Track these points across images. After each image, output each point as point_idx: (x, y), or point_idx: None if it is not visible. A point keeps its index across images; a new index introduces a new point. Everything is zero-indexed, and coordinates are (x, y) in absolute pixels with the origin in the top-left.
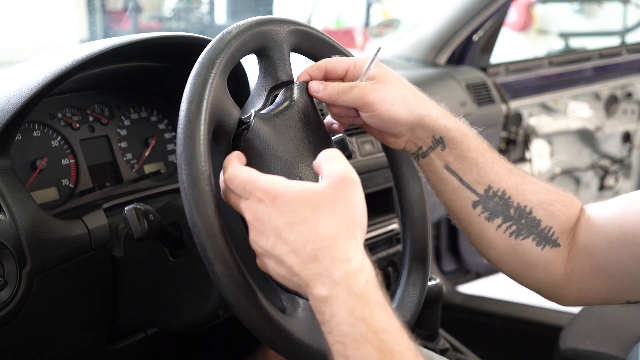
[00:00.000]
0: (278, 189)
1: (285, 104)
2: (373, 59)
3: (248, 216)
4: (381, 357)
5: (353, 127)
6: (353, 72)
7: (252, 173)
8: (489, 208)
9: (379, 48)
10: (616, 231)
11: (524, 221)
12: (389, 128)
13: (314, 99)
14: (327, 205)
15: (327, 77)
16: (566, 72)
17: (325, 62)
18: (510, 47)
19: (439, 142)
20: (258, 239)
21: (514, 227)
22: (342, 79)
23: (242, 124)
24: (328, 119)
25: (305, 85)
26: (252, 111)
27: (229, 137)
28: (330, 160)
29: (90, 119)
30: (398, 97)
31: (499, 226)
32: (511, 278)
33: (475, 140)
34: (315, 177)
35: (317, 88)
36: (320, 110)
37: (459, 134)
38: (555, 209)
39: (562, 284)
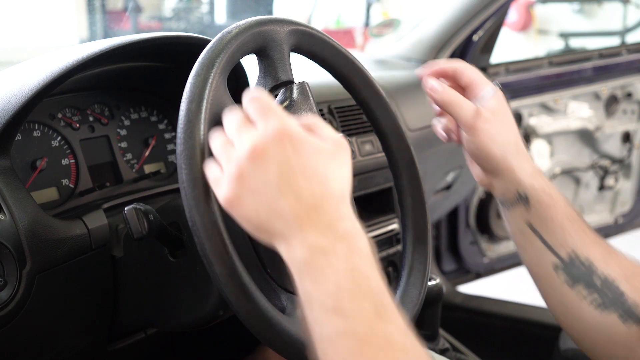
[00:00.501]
0: (299, 131)
1: (285, 104)
2: (499, 88)
3: (254, 142)
4: (377, 314)
5: (353, 127)
6: (474, 90)
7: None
8: (572, 274)
9: (498, 83)
10: None
11: (609, 293)
12: (478, 159)
13: (313, 99)
14: (338, 164)
15: (447, 77)
16: (566, 72)
17: (459, 65)
18: (511, 47)
19: (523, 199)
20: (251, 170)
21: (598, 299)
22: (462, 87)
23: None
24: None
25: (305, 85)
26: None
27: None
28: (324, 126)
29: (90, 119)
30: (502, 139)
31: (583, 296)
32: (590, 355)
33: (563, 205)
34: None
35: (436, 87)
36: (321, 110)
37: (547, 196)
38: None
39: None
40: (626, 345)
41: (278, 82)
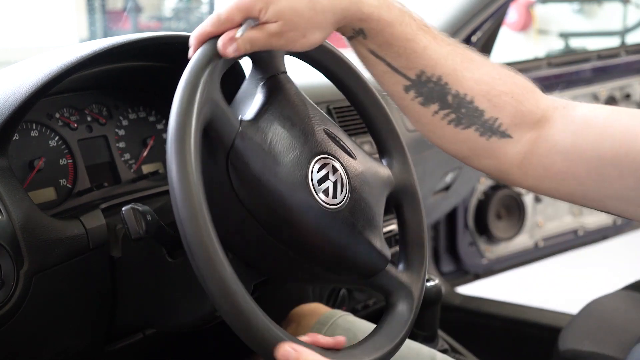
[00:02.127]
0: None
1: (266, 101)
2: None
3: None
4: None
5: (353, 127)
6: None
7: None
8: (423, 93)
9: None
10: (596, 136)
11: (464, 110)
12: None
13: (295, 87)
14: None
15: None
16: (565, 73)
17: (215, 27)
18: (511, 47)
19: (359, 32)
20: None
21: (453, 116)
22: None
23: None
24: None
25: (283, 78)
26: (239, 119)
27: (222, 139)
28: None
29: (88, 119)
30: (307, 27)
31: (436, 112)
32: (460, 161)
33: (400, 26)
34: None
35: (222, 45)
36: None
37: (381, 23)
38: (501, 100)
39: (514, 174)
40: (489, 154)
41: (269, 75)
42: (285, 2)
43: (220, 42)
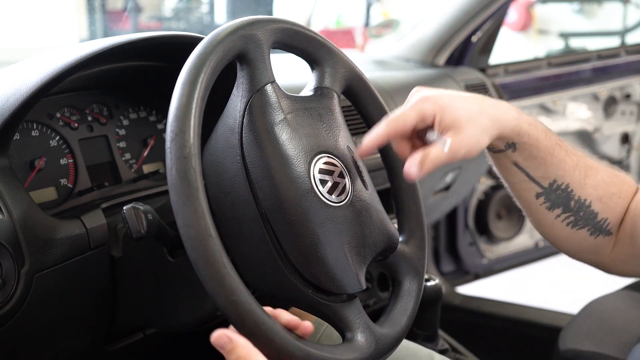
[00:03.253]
0: None
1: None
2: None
3: None
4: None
5: (353, 127)
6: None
7: None
8: (551, 200)
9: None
10: None
11: (582, 214)
12: (467, 157)
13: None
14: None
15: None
16: (565, 73)
17: (389, 126)
18: (511, 47)
19: (511, 146)
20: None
21: (572, 218)
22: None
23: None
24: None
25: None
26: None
27: (253, 78)
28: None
29: (89, 118)
30: (478, 131)
31: (558, 216)
32: (561, 251)
33: (544, 141)
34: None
35: (412, 171)
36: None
37: (531, 138)
38: (612, 202)
39: (607, 264)
40: (593, 250)
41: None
42: (459, 107)
43: (407, 165)
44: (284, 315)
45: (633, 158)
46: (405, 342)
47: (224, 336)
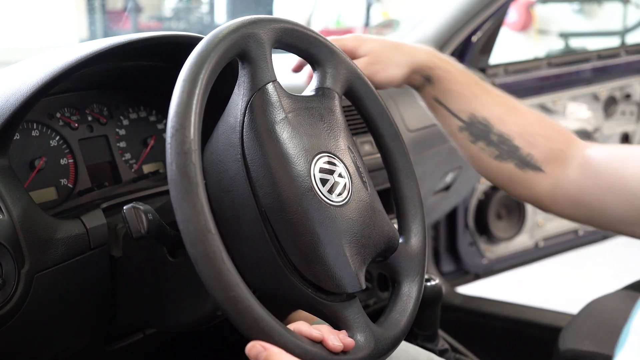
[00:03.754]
0: None
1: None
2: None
3: None
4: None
5: (353, 127)
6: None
7: None
8: (474, 133)
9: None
10: (611, 174)
11: (504, 147)
12: (386, 85)
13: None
14: None
15: None
16: (565, 73)
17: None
18: (511, 47)
19: (427, 79)
20: None
21: (495, 151)
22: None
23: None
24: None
25: (335, 95)
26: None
27: (255, 76)
28: None
29: (89, 118)
30: (391, 64)
31: (483, 149)
32: (499, 188)
33: (459, 76)
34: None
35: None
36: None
37: (444, 72)
38: (536, 140)
39: (546, 203)
40: (525, 185)
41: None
42: (375, 41)
43: None
44: (303, 327)
45: None
46: (405, 345)
47: (258, 345)
